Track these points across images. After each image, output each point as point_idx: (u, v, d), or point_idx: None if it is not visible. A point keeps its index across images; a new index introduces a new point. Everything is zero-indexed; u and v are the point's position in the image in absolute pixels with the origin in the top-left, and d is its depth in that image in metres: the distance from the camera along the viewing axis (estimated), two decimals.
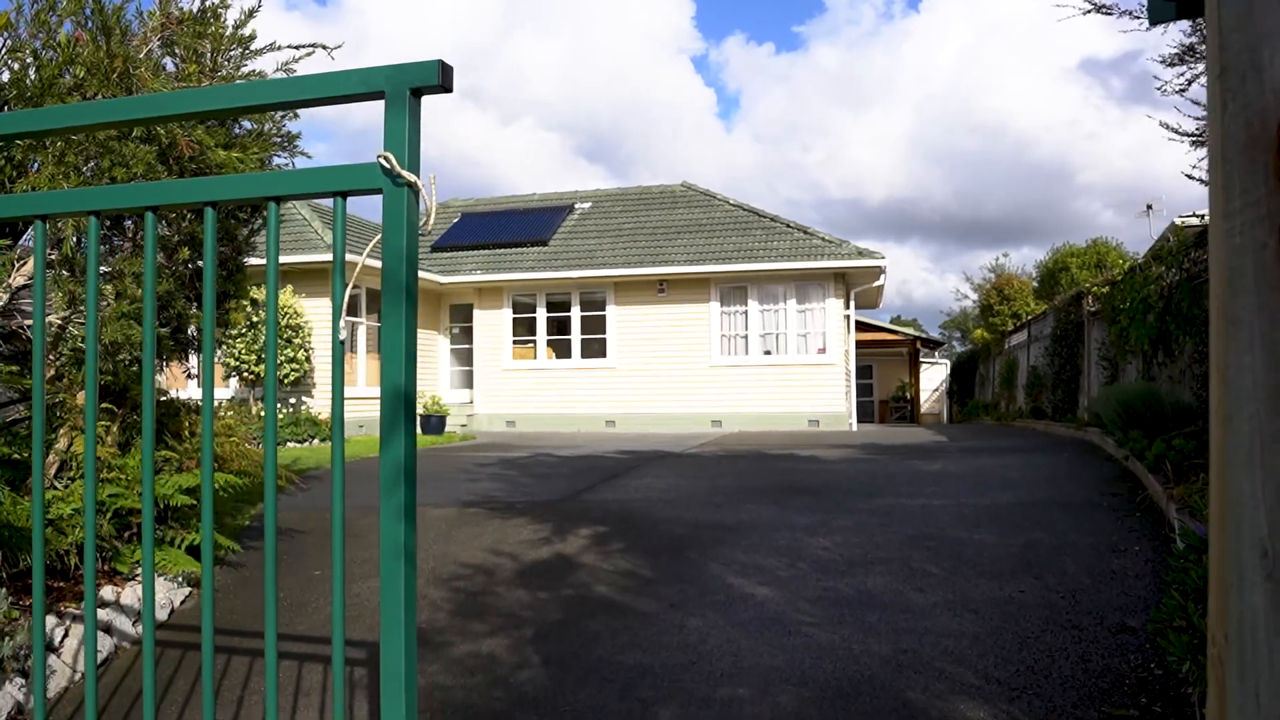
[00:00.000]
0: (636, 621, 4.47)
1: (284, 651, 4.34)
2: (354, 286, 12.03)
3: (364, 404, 16.81)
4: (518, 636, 4.33)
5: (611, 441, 14.78)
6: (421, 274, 18.19)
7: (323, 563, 5.73)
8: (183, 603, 5.00)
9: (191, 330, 5.82)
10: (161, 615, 4.75)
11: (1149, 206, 18.15)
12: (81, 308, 4.52)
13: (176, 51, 4.84)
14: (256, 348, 13.94)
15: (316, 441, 14.03)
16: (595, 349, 18.84)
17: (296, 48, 5.39)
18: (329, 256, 15.02)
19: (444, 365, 20.02)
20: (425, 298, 19.30)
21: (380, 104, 1.45)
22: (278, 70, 5.55)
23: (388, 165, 1.50)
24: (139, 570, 4.92)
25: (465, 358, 19.98)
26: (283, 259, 15.43)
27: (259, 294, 14.29)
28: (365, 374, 17.02)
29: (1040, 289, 22.05)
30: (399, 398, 1.43)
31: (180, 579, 5.10)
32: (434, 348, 19.76)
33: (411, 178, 1.50)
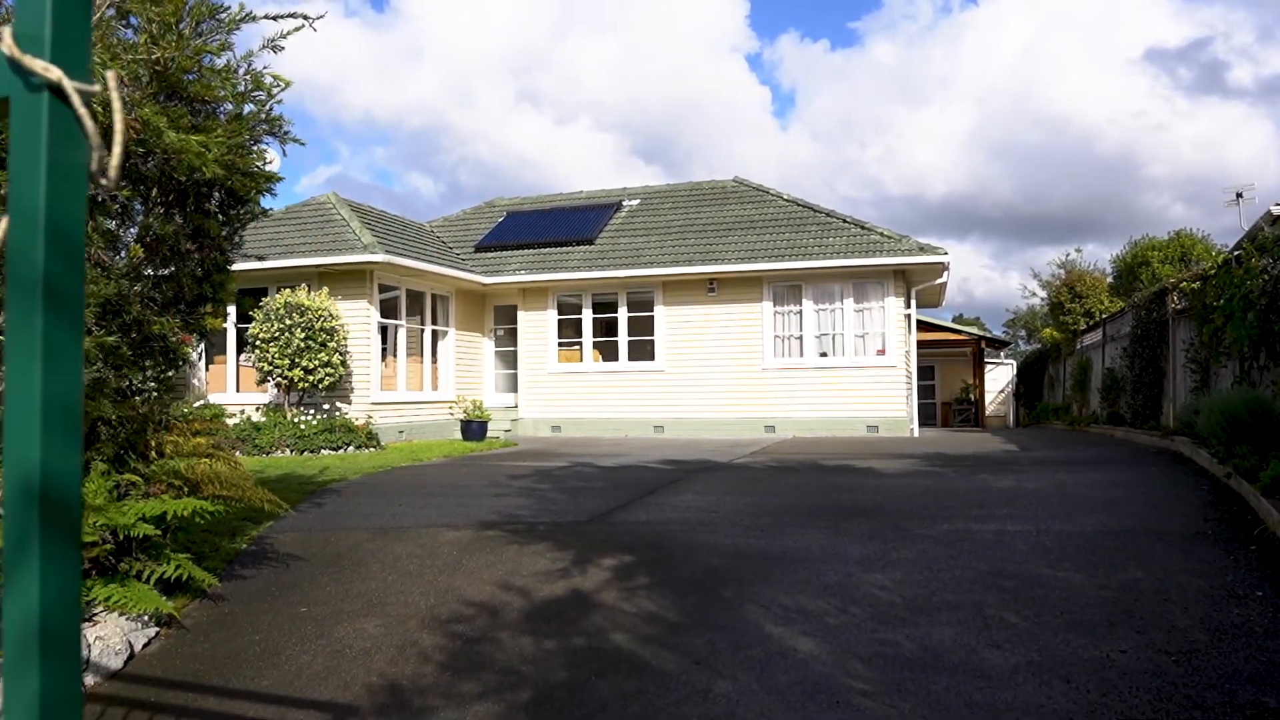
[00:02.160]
0: (653, 683, 3.76)
1: (234, 715, 3.72)
2: (392, 288, 11.50)
3: (403, 409, 16.34)
4: (511, 701, 3.65)
5: (658, 449, 14.08)
6: (466, 275, 17.68)
7: (313, 596, 5.12)
8: (146, 646, 4.42)
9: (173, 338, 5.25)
10: (116, 662, 4.17)
11: (1239, 195, 16.78)
12: None
13: (132, 21, 4.25)
14: (290, 351, 13.50)
15: (351, 449, 13.57)
16: (643, 351, 18.15)
17: (275, 18, 4.79)
18: (366, 257, 14.59)
19: (488, 368, 19.51)
20: (469, 299, 18.81)
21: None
22: (265, 47, 4.97)
23: (10, 54, 0.79)
24: (95, 610, 4.35)
25: (510, 360, 19.45)
26: (317, 260, 15.05)
27: (295, 297, 13.89)
28: (405, 378, 16.55)
29: (1117, 285, 20.72)
30: (30, 489, 0.73)
31: (146, 618, 4.52)
32: (478, 351, 19.26)
33: (53, 74, 0.78)
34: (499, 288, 18.57)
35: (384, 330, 16.25)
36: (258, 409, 15.04)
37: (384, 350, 16.41)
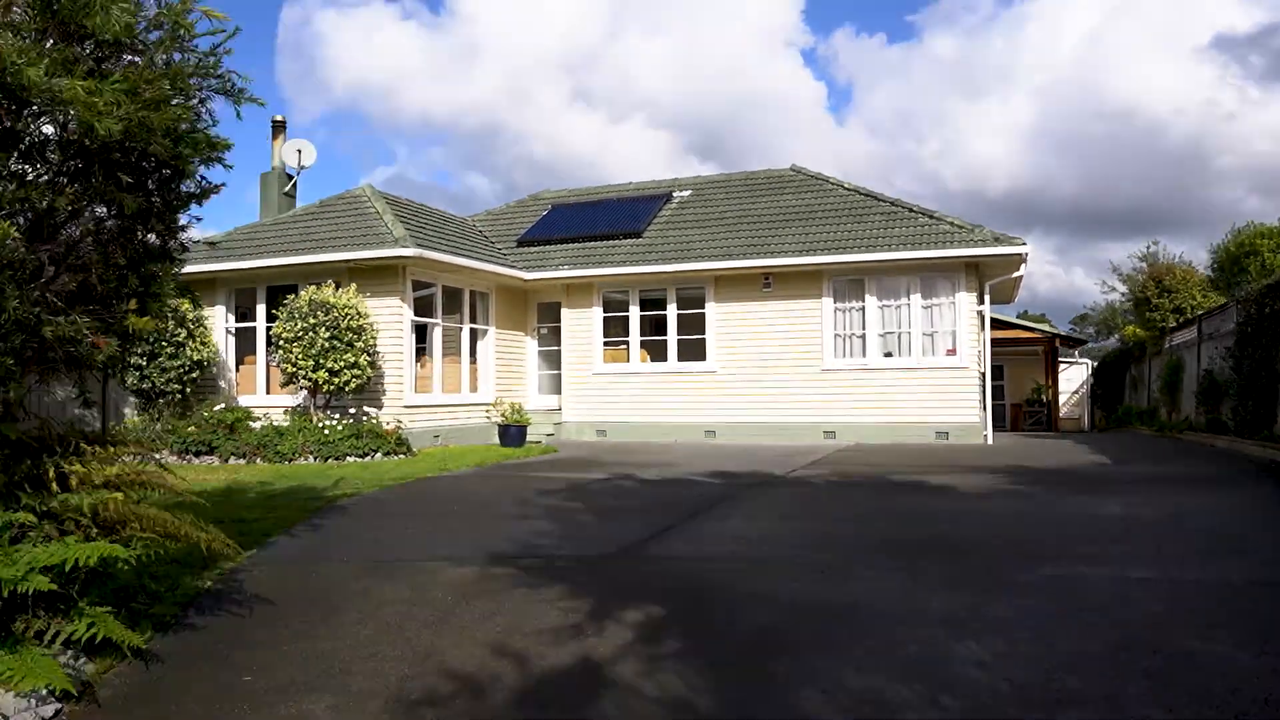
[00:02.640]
0: None
1: None
2: (427, 285, 10.65)
3: (438, 413, 15.50)
4: None
5: (708, 457, 13.01)
6: (506, 270, 16.79)
7: (265, 659, 4.14)
8: None
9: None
10: None
11: None
12: None
13: None
14: (314, 352, 12.69)
15: (379, 455, 12.72)
16: (693, 351, 17.06)
17: None
18: (398, 251, 13.78)
19: (531, 369, 18.59)
20: (510, 296, 17.91)
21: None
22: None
23: None
24: None
25: (553, 360, 18.50)
26: (346, 255, 14.27)
27: (320, 294, 13.12)
28: (440, 380, 15.69)
29: (1216, 278, 19.00)
30: None
31: (45, 693, 3.59)
32: (520, 350, 18.34)
33: None
34: (542, 283, 17.64)
35: (419, 329, 15.43)
36: (285, 412, 14.31)
37: (419, 350, 15.59)
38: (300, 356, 12.77)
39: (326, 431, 12.62)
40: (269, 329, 14.39)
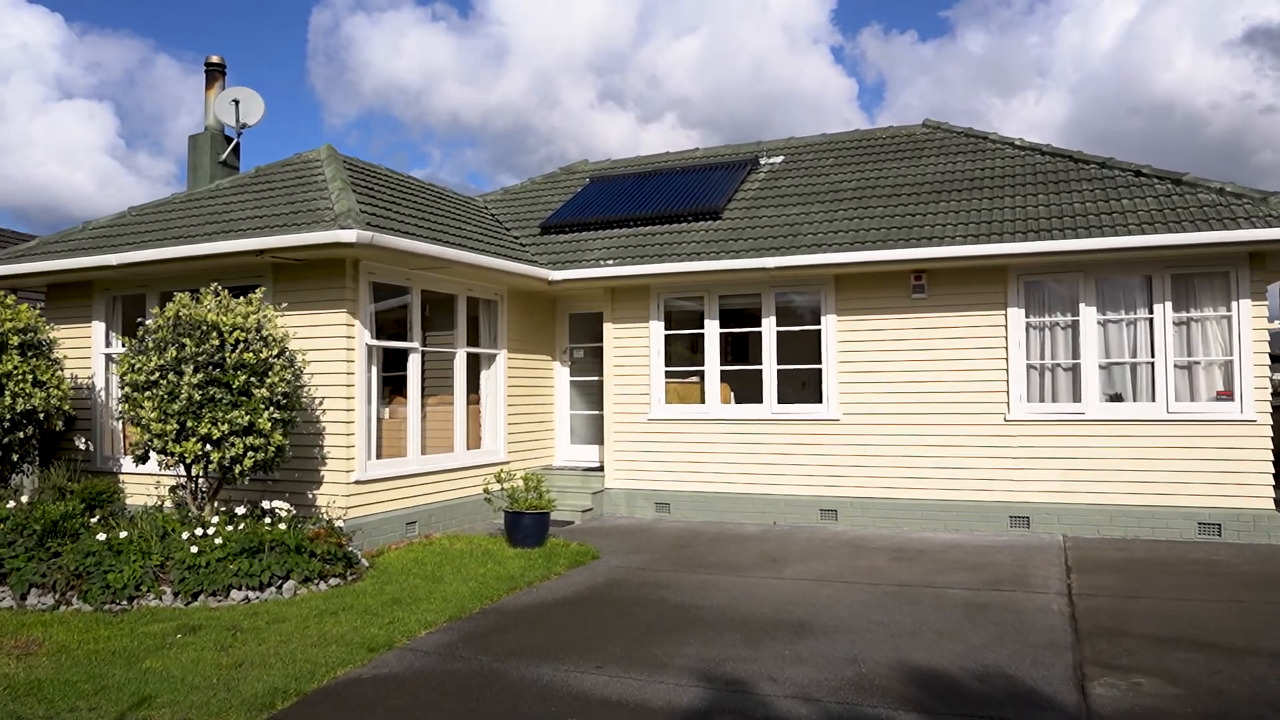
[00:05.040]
0: None
1: None
2: (398, 290, 5.20)
3: (418, 486, 10.13)
4: None
5: (842, 569, 7.54)
6: (522, 267, 11.37)
7: None
8: None
9: None
10: None
11: None
12: None
13: None
14: (177, 408, 7.42)
15: (291, 584, 7.34)
16: (802, 387, 11.55)
17: None
18: (334, 235, 8.45)
19: (560, 408, 13.16)
20: (530, 305, 12.51)
21: None
22: None
23: None
24: None
25: (592, 395, 13.06)
26: (257, 241, 8.95)
27: (191, 307, 7.55)
28: (420, 433, 10.31)
29: None
30: None
31: None
32: (545, 383, 12.91)
33: None
34: (575, 286, 12.19)
35: (387, 358, 10.10)
36: (172, 490, 9.04)
37: (389, 388, 10.25)
38: (153, 415, 7.44)
39: (194, 549, 7.25)
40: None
